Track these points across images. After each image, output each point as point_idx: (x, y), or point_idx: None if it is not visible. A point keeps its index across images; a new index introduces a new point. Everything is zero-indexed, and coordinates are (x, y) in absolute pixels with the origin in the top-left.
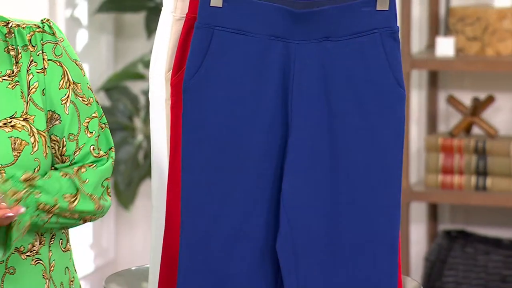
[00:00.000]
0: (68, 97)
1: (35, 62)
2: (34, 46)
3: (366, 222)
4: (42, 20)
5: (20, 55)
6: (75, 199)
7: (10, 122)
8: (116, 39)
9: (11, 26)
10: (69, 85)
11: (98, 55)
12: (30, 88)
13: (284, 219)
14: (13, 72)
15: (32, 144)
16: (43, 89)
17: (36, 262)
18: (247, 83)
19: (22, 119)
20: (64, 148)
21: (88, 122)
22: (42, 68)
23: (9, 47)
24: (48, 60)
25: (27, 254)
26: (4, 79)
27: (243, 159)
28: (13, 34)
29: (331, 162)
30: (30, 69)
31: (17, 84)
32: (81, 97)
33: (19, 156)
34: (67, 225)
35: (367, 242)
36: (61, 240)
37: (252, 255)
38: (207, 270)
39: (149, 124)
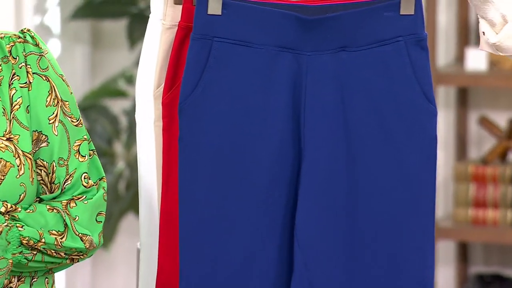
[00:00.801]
0: (56, 116)
1: (17, 75)
2: (16, 58)
3: (394, 261)
4: (21, 30)
5: (0, 67)
6: (63, 236)
7: None
8: (93, 50)
9: None
10: (57, 102)
11: (72, 68)
12: (13, 105)
13: (299, 257)
14: None
15: (18, 166)
16: (28, 106)
17: None
18: (252, 101)
19: (5, 138)
20: (54, 175)
21: (79, 145)
22: (26, 82)
23: None
24: (33, 73)
25: None
26: None
27: (250, 187)
28: None
29: (350, 189)
30: (12, 83)
31: None
32: (70, 117)
33: (3, 179)
34: (54, 266)
35: (395, 285)
36: (46, 279)
37: None
38: None
39: (131, 149)
